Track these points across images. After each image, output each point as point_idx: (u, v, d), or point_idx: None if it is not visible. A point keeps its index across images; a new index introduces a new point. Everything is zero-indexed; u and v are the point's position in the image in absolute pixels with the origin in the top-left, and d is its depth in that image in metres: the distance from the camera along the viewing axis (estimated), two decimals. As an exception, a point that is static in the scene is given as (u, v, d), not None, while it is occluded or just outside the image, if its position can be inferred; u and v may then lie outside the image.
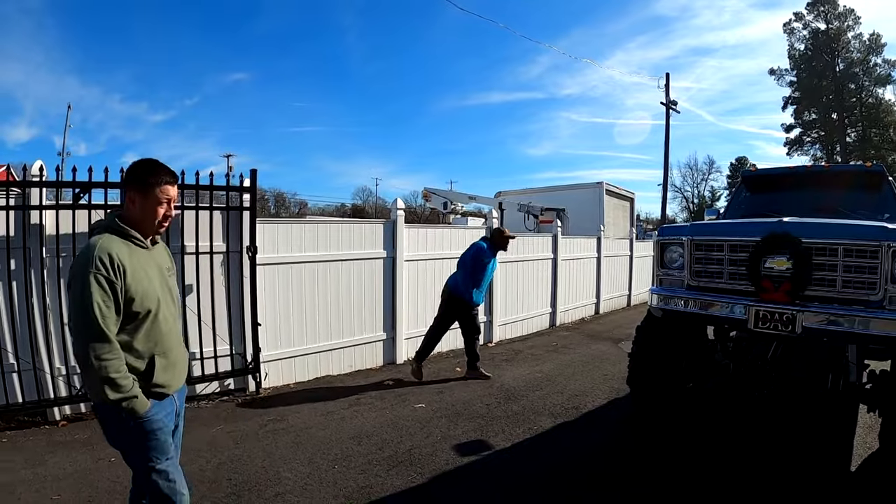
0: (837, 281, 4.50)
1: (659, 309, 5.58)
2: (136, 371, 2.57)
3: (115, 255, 2.46)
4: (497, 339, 10.54)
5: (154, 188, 2.63)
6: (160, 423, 2.65)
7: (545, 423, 5.89)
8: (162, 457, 2.69)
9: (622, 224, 18.33)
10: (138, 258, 2.61)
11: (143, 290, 2.56)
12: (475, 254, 7.50)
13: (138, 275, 2.56)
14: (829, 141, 56.87)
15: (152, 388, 2.63)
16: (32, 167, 5.47)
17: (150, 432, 2.61)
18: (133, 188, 2.64)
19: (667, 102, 30.96)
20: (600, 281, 14.54)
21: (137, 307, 2.54)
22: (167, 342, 2.73)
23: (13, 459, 4.75)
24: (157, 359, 2.65)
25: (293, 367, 7.33)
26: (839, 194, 6.22)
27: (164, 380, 2.69)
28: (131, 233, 2.62)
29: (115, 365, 2.42)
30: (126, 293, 2.49)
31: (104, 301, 2.40)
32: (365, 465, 4.77)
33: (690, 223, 5.81)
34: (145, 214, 2.64)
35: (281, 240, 7.11)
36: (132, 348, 2.56)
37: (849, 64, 53.54)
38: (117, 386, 2.42)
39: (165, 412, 2.72)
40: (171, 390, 2.77)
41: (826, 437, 5.55)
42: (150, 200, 2.63)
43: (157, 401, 2.65)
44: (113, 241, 2.52)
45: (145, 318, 2.60)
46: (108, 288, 2.41)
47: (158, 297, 2.67)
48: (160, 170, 2.68)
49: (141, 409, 2.51)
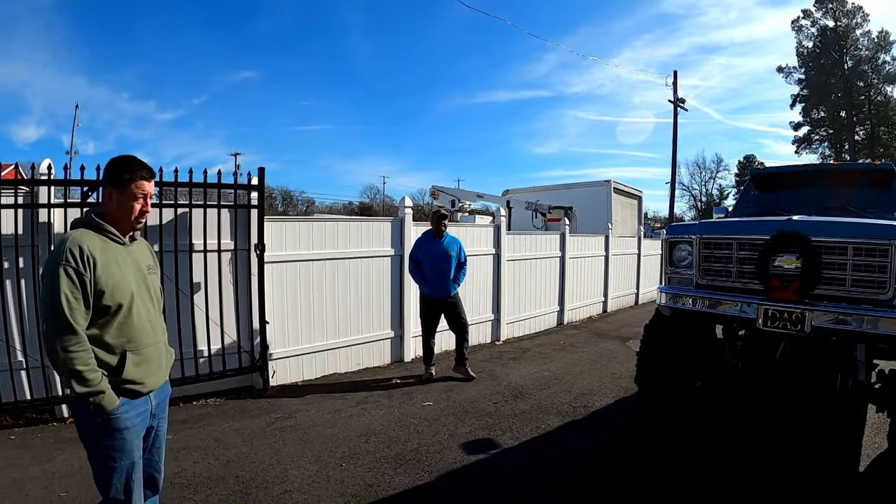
0: (847, 280, 4.46)
1: (667, 307, 5.55)
2: (107, 366, 2.53)
3: (85, 248, 2.44)
4: (505, 338, 10.52)
5: (130, 184, 2.62)
6: (128, 423, 2.59)
7: (553, 422, 5.88)
8: (124, 459, 2.61)
9: (630, 222, 18.26)
10: (113, 253, 2.59)
11: (114, 283, 2.53)
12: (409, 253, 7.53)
13: (110, 268, 2.53)
14: (838, 139, 56.60)
15: (123, 385, 2.58)
16: (41, 166, 5.49)
17: (115, 430, 2.55)
18: (110, 184, 2.64)
19: (674, 100, 30.91)
20: (608, 279, 14.51)
21: (108, 300, 2.51)
22: (141, 338, 2.68)
23: (22, 456, 4.77)
24: (129, 354, 2.60)
25: (301, 365, 7.34)
26: (848, 193, 6.17)
27: (136, 376, 2.63)
28: (106, 227, 2.60)
29: (83, 357, 2.40)
30: (96, 286, 2.46)
31: (72, 292, 2.39)
32: (372, 463, 4.77)
33: (699, 221, 5.78)
34: (122, 210, 2.63)
35: (289, 238, 7.12)
36: (103, 342, 2.53)
37: (857, 61, 53.26)
38: (84, 379, 2.40)
39: (137, 412, 2.66)
40: (146, 389, 2.71)
41: (834, 437, 5.51)
42: (126, 196, 2.62)
43: (128, 399, 2.60)
44: (86, 235, 2.52)
45: (117, 313, 2.56)
46: (76, 280, 2.40)
47: (132, 291, 2.63)
48: (136, 165, 2.67)
49: (109, 406, 2.47)
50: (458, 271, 7.47)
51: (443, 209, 7.48)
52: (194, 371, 6.27)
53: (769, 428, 5.72)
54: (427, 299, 7.46)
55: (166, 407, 3.01)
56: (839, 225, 4.67)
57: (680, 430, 5.68)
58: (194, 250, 6.22)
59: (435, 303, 7.42)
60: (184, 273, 6.16)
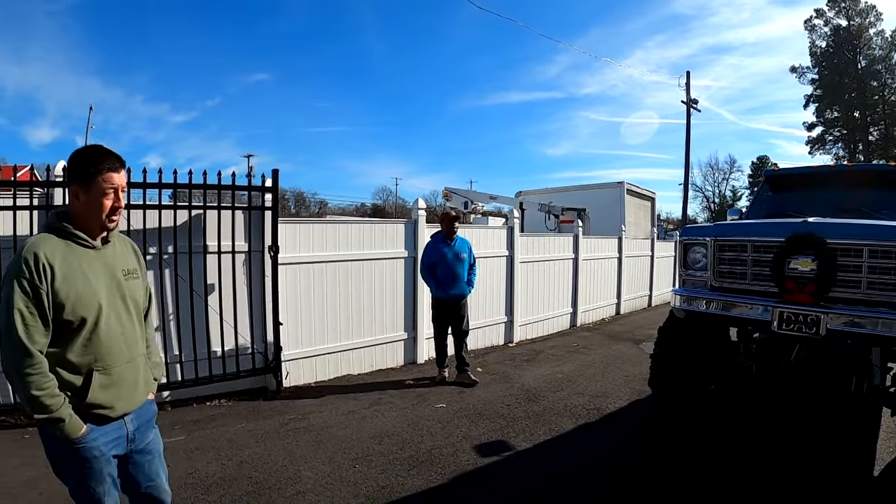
0: (862, 282, 4.41)
1: (682, 310, 5.52)
2: (71, 387, 2.26)
3: (41, 256, 2.15)
4: (518, 340, 10.50)
5: (96, 177, 2.29)
6: (96, 452, 2.31)
7: (566, 425, 5.86)
8: (94, 485, 2.35)
9: (643, 224, 18.21)
10: (79, 259, 2.29)
11: (76, 295, 2.22)
12: (421, 257, 7.46)
13: (73, 278, 2.23)
14: (852, 139, 56.10)
15: (89, 410, 2.29)
16: (56, 167, 5.52)
17: (83, 460, 2.30)
18: (75, 181, 2.31)
19: (687, 101, 30.74)
20: (621, 281, 14.46)
21: (69, 315, 2.21)
22: (111, 357, 2.36)
23: (37, 455, 4.74)
24: (96, 375, 2.30)
25: (314, 367, 7.35)
26: (863, 194, 6.10)
27: (104, 400, 2.33)
28: (71, 230, 2.30)
29: (38, 381, 2.12)
30: (54, 299, 2.17)
31: (27, 308, 2.11)
32: (385, 465, 4.76)
33: (714, 223, 5.74)
34: (90, 209, 2.31)
35: (303, 239, 7.14)
36: (65, 361, 2.24)
37: (871, 61, 52.76)
38: (42, 406, 2.14)
39: (108, 439, 2.38)
40: (116, 413, 2.40)
41: (849, 441, 5.46)
42: (93, 192, 2.30)
43: (96, 425, 2.32)
44: (47, 241, 2.23)
45: (80, 328, 2.25)
46: (31, 293, 2.12)
47: (100, 303, 2.31)
48: (102, 156, 2.34)
49: (72, 433, 2.22)
50: (471, 272, 7.44)
51: (455, 210, 7.44)
52: (208, 372, 6.29)
53: (783, 431, 5.67)
54: (440, 302, 7.41)
55: (151, 430, 2.68)
56: (855, 227, 4.63)
57: (693, 434, 5.64)
58: (208, 252, 6.25)
59: (449, 305, 7.37)
60: (198, 274, 6.19)
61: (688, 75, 30.92)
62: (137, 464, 2.58)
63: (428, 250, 7.41)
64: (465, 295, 7.43)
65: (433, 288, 7.39)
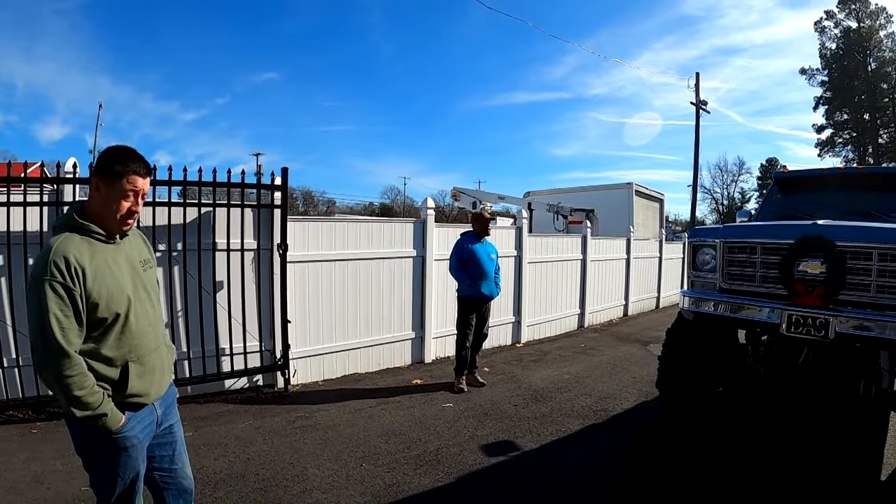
0: (872, 285, 4.39)
1: (690, 311, 5.50)
2: (109, 380, 2.33)
3: (72, 259, 2.18)
4: (525, 340, 10.50)
5: (120, 178, 2.33)
6: (134, 440, 2.40)
7: (573, 425, 5.85)
8: (128, 473, 2.43)
9: (651, 225, 18.16)
10: (103, 256, 2.33)
11: (108, 292, 2.27)
12: (452, 251, 7.29)
13: (103, 275, 2.28)
14: (861, 142, 55.76)
15: (127, 399, 2.38)
16: (66, 164, 5.54)
17: (122, 449, 2.37)
18: (98, 175, 2.35)
19: (697, 102, 30.69)
20: (629, 282, 14.42)
21: (103, 313, 2.27)
22: (142, 346, 2.45)
23: (43, 450, 4.81)
24: (132, 366, 2.39)
25: (322, 365, 7.37)
26: (873, 197, 6.07)
27: (141, 388, 2.43)
28: (91, 228, 2.33)
29: (79, 381, 2.17)
30: (88, 299, 2.21)
31: (62, 311, 2.14)
32: (392, 464, 4.77)
33: (723, 225, 5.72)
34: (108, 207, 2.34)
35: (311, 238, 7.15)
36: (101, 356, 2.30)
37: (881, 63, 52.37)
38: (84, 404, 2.18)
39: (143, 425, 2.48)
40: (150, 399, 2.51)
41: (856, 444, 5.43)
42: (114, 191, 2.33)
43: (133, 412, 2.41)
44: (71, 242, 2.24)
45: (114, 323, 2.32)
46: (65, 296, 2.14)
47: (129, 296, 2.38)
48: (129, 157, 2.39)
49: (113, 426, 2.28)
50: (496, 275, 7.32)
51: (486, 210, 7.35)
52: (216, 369, 6.32)
53: (791, 435, 5.65)
54: (470, 301, 7.16)
55: (175, 411, 2.80)
56: (864, 230, 4.61)
57: (701, 436, 5.62)
58: (217, 249, 6.26)
59: (478, 306, 7.21)
60: (207, 272, 6.20)
61: (697, 77, 30.90)
62: (163, 445, 2.68)
63: (459, 246, 7.22)
64: (495, 296, 7.29)
65: (465, 286, 7.11)
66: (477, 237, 7.25)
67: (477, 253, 7.08)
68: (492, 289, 7.15)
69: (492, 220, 7.41)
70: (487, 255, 7.18)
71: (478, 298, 7.11)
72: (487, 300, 7.24)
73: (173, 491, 2.75)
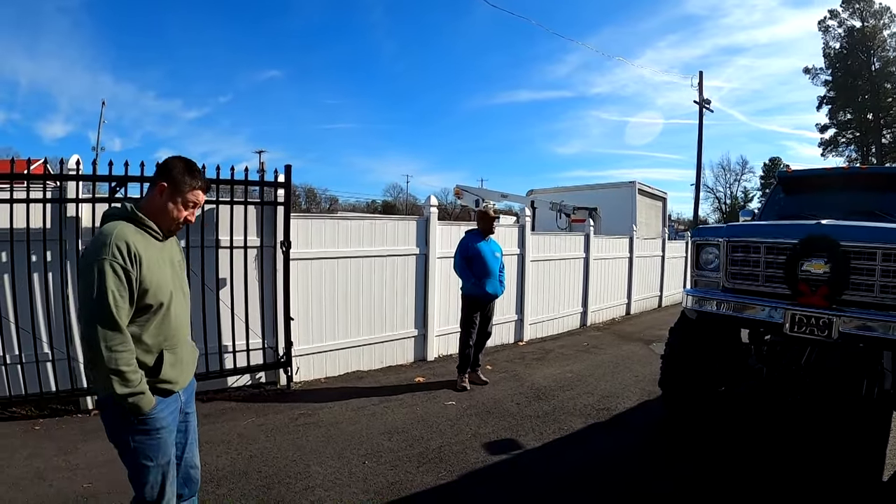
0: (875, 286, 4.38)
1: (693, 311, 5.49)
2: (144, 366, 2.46)
3: (131, 244, 2.37)
4: (528, 338, 10.49)
5: (189, 190, 2.59)
6: (164, 422, 2.54)
7: (576, 424, 5.84)
8: (161, 458, 2.55)
9: (654, 224, 18.12)
10: (153, 249, 2.52)
11: (156, 281, 2.47)
12: (457, 249, 7.27)
13: (153, 266, 2.47)
14: (865, 142, 55.53)
15: (159, 385, 2.53)
16: (69, 161, 5.55)
17: (152, 430, 2.49)
18: (167, 182, 2.55)
19: (700, 101, 30.59)
20: (632, 281, 14.42)
21: (150, 299, 2.45)
22: (177, 337, 2.64)
23: (46, 447, 4.81)
24: (166, 354, 2.56)
25: (324, 362, 7.36)
26: (876, 197, 6.05)
27: (172, 376, 2.59)
28: (147, 223, 2.52)
29: (127, 357, 2.32)
30: (140, 284, 2.39)
31: (119, 290, 2.31)
32: (395, 462, 4.76)
33: (727, 224, 5.70)
34: (168, 212, 2.57)
35: (314, 235, 7.15)
36: (141, 341, 2.46)
37: (885, 63, 52.14)
38: (127, 380, 2.32)
39: (170, 410, 2.61)
40: (178, 387, 2.66)
41: (859, 445, 5.43)
42: (178, 199, 2.57)
43: (162, 398, 2.54)
44: (129, 230, 2.43)
45: (157, 311, 2.50)
46: (123, 277, 2.32)
47: (171, 290, 2.57)
48: (198, 174, 2.64)
49: (146, 407, 2.41)
50: (501, 273, 7.31)
51: (491, 209, 7.33)
52: (219, 366, 6.31)
53: (793, 435, 5.64)
54: (474, 300, 7.14)
55: (193, 402, 2.95)
56: (868, 230, 4.59)
57: (703, 436, 5.61)
58: (221, 246, 6.26)
59: (482, 304, 7.19)
60: (210, 269, 6.20)
61: (700, 75, 30.79)
62: (178, 432, 2.76)
63: (464, 244, 7.20)
64: (499, 294, 7.27)
65: (469, 284, 7.10)
66: (482, 235, 7.22)
67: (481, 251, 7.06)
68: (496, 287, 7.13)
69: (496, 219, 7.36)
70: (492, 253, 7.16)
71: (482, 297, 7.08)
72: (492, 298, 7.22)
73: (179, 480, 2.82)
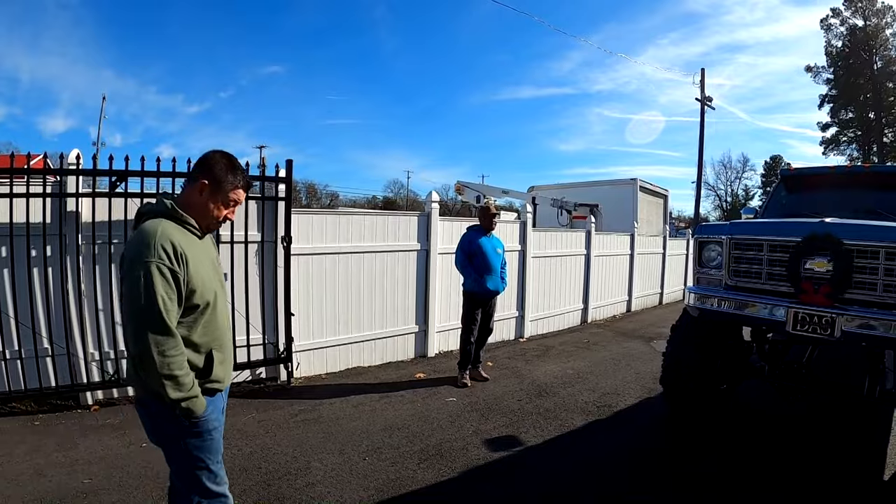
0: (878, 284, 4.37)
1: (696, 308, 5.47)
2: (194, 367, 2.41)
3: (177, 244, 2.30)
4: (528, 335, 10.48)
5: (231, 190, 2.55)
6: (215, 423, 2.52)
7: (577, 421, 5.83)
8: (213, 457, 2.53)
9: (655, 221, 18.10)
10: (195, 247, 2.45)
11: (202, 281, 2.41)
12: (458, 245, 7.23)
13: (198, 265, 2.41)
14: (866, 141, 55.44)
15: (208, 385, 2.48)
16: (69, 156, 5.53)
17: (205, 432, 2.46)
18: (208, 179, 2.48)
19: (702, 98, 30.51)
20: (633, 278, 14.41)
21: (198, 299, 2.40)
22: (223, 336, 2.59)
23: (46, 442, 4.80)
24: (215, 353, 2.51)
25: (325, 358, 7.35)
26: (879, 195, 6.02)
27: (221, 375, 2.55)
28: (188, 219, 2.46)
29: (180, 361, 2.27)
30: (188, 284, 2.34)
31: (167, 293, 2.24)
32: (396, 458, 4.75)
33: (730, 222, 5.68)
34: (208, 210, 2.51)
35: (316, 230, 7.12)
36: (191, 342, 2.40)
37: (887, 62, 52.01)
38: (180, 384, 2.26)
39: (218, 409, 2.58)
40: (224, 385, 2.63)
41: (860, 443, 5.42)
42: (219, 197, 2.52)
43: (209, 398, 2.48)
44: (172, 228, 2.37)
45: (204, 311, 2.45)
46: (171, 279, 2.25)
47: (215, 288, 2.54)
48: (241, 172, 2.60)
49: (200, 409, 2.36)
50: (503, 269, 7.27)
51: (493, 205, 7.30)
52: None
53: (794, 433, 5.63)
54: (475, 297, 7.12)
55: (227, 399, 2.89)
56: (872, 228, 4.58)
57: (704, 433, 5.61)
58: (221, 241, 6.20)
59: (483, 301, 7.17)
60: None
61: (702, 73, 30.71)
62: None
63: (465, 240, 7.17)
64: (500, 291, 7.25)
65: (470, 280, 7.07)
66: (483, 231, 7.19)
67: (483, 247, 7.03)
68: (497, 284, 7.10)
69: (497, 215, 7.33)
70: (494, 249, 7.13)
71: (483, 293, 7.06)
72: (493, 295, 7.19)
73: None
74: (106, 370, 5.71)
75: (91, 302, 5.63)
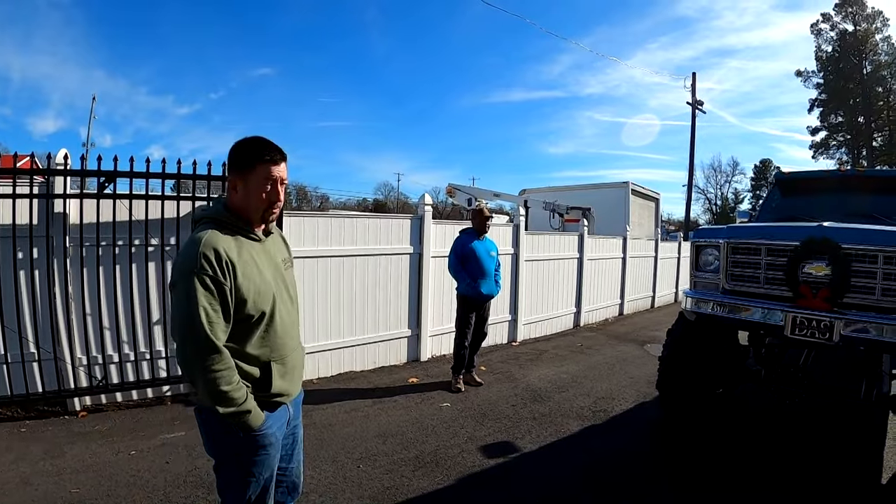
0: (877, 289, 4.37)
1: (692, 312, 5.44)
2: (251, 379, 2.30)
3: (222, 251, 2.15)
4: (521, 339, 10.42)
5: (255, 168, 2.30)
6: (272, 438, 2.38)
7: (572, 426, 5.78)
8: (264, 472, 2.40)
9: (647, 224, 18.12)
10: (249, 253, 2.31)
11: (255, 289, 2.26)
12: (451, 248, 7.13)
13: (250, 272, 2.26)
14: (856, 145, 55.83)
15: (268, 398, 2.36)
16: (57, 155, 5.44)
17: (261, 447, 2.34)
18: (233, 172, 2.33)
19: (693, 102, 30.65)
20: (625, 282, 14.39)
21: (251, 310, 2.24)
22: (285, 346, 2.43)
23: (32, 450, 4.70)
24: (274, 365, 2.37)
25: (316, 363, 7.25)
26: (875, 199, 6.03)
27: (282, 388, 2.41)
28: (239, 224, 2.32)
29: (227, 376, 2.13)
30: (237, 295, 2.19)
31: (211, 305, 2.11)
32: (390, 465, 4.68)
33: (727, 226, 5.66)
34: (248, 201, 2.32)
35: (307, 233, 7.04)
36: (245, 355, 2.28)
37: (876, 67, 52.41)
38: (229, 400, 2.14)
39: (279, 424, 2.44)
40: (289, 398, 2.49)
41: (857, 447, 5.40)
42: (252, 184, 2.31)
43: (270, 412, 2.37)
44: (218, 235, 2.21)
45: (259, 321, 2.30)
46: (215, 290, 2.12)
47: (274, 295, 2.36)
48: (261, 146, 2.35)
49: (255, 424, 2.25)
50: (497, 273, 7.17)
51: (485, 207, 7.22)
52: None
53: (791, 437, 5.61)
54: (469, 300, 7.02)
55: (300, 410, 2.76)
56: (870, 232, 4.56)
57: (700, 437, 5.58)
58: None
59: (477, 305, 7.08)
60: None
61: (693, 77, 30.89)
62: (285, 444, 2.62)
63: (459, 244, 7.07)
64: (494, 295, 7.16)
65: (464, 284, 6.96)
66: (476, 234, 7.10)
67: (476, 251, 6.94)
68: (491, 288, 7.02)
69: (490, 217, 7.28)
70: (487, 252, 7.05)
71: (477, 297, 6.97)
72: (487, 299, 7.12)
73: (283, 488, 2.71)
74: (94, 375, 5.61)
75: (79, 305, 5.53)
